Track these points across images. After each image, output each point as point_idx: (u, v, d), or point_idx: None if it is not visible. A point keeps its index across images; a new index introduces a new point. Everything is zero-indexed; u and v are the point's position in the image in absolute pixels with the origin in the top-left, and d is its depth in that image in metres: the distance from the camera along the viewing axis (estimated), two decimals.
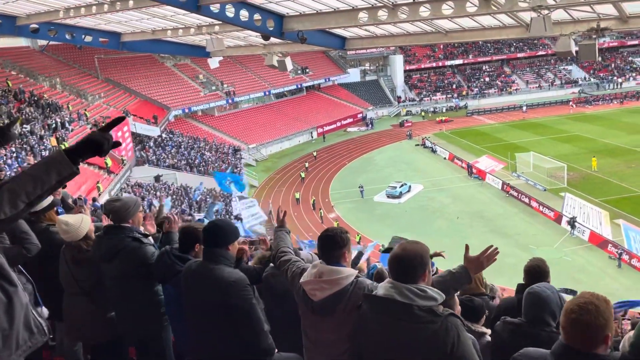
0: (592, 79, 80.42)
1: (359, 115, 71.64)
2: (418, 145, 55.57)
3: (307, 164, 49.60)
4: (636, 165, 40.15)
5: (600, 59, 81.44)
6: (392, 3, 16.10)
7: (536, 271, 3.91)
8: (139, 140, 44.59)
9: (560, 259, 26.96)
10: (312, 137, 63.07)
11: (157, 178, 38.70)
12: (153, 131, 46.08)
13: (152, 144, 45.29)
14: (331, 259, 2.97)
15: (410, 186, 40.54)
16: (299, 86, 71.63)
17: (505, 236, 30.43)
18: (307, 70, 71.95)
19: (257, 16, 17.21)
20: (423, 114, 73.09)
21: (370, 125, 67.70)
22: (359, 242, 29.72)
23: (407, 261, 2.55)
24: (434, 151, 52.23)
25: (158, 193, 33.68)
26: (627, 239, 26.59)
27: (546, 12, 13.59)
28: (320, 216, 36.25)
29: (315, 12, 17.87)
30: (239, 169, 44.35)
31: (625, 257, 25.73)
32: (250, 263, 4.79)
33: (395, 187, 39.44)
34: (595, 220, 29.74)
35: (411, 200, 38.85)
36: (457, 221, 33.78)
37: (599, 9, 15.85)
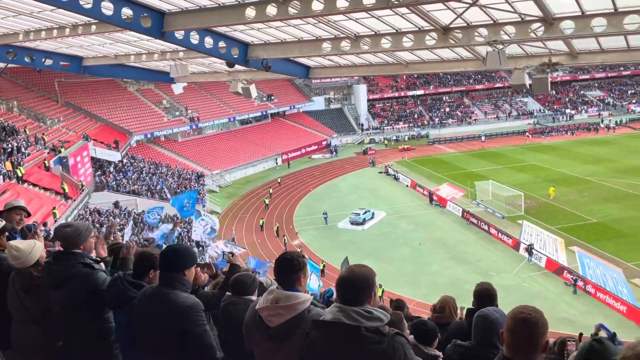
0: (546, 111, 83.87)
1: (324, 143, 72.28)
2: (381, 172, 56.33)
3: (271, 190, 49.45)
4: (589, 194, 41.78)
5: (553, 92, 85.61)
6: (355, 35, 16.50)
7: (485, 295, 4.02)
8: (98, 165, 43.59)
9: (518, 285, 27.55)
10: (276, 163, 63.10)
11: (116, 204, 37.76)
12: (114, 156, 45.17)
13: (112, 169, 44.33)
14: (288, 283, 2.98)
15: (373, 213, 40.89)
16: (264, 113, 71.95)
17: (466, 263, 30.92)
18: (273, 97, 72.41)
19: (221, 44, 17.31)
20: (386, 142, 74.32)
21: (334, 153, 68.32)
22: (323, 270, 29.63)
23: (355, 284, 2.60)
24: (396, 179, 53.01)
25: (120, 220, 32.84)
26: (582, 265, 27.44)
27: (501, 46, 14.18)
28: (284, 243, 36.03)
29: (279, 41, 18.11)
30: (201, 195, 43.77)
31: (580, 283, 26.48)
32: (206, 289, 4.72)
33: (359, 214, 39.70)
34: (551, 247, 30.62)
35: (374, 227, 39.13)
36: (420, 248, 34.17)
37: (550, 45, 16.67)
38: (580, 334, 8.37)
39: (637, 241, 31.51)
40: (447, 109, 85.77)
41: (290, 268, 3.00)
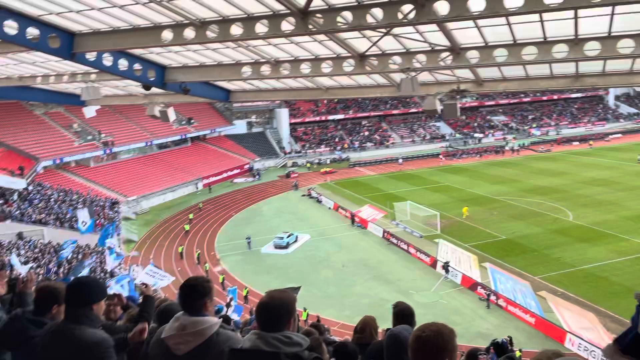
0: (457, 135, 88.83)
1: (246, 166, 71.72)
2: (304, 195, 56.65)
3: (191, 216, 48.08)
4: (497, 213, 44.45)
5: (463, 117, 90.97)
6: (275, 60, 16.65)
7: (404, 314, 4.11)
8: (0, 193, 40.28)
9: (436, 302, 28.53)
10: (197, 188, 61.61)
11: (20, 235, 34.98)
12: (18, 184, 41.96)
13: (16, 197, 41.12)
14: (193, 309, 2.90)
15: (297, 236, 40.89)
16: (184, 137, 70.34)
17: (388, 282, 31.62)
18: (192, 120, 71.05)
19: (137, 66, 16.77)
20: (308, 165, 75.08)
21: (257, 176, 67.93)
22: (246, 296, 29.06)
23: (274, 310, 2.57)
24: (319, 201, 53.52)
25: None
26: (494, 280, 28.99)
27: (414, 73, 14.88)
28: (205, 270, 34.99)
29: (198, 64, 17.87)
30: (116, 223, 41.63)
31: (493, 297, 27.90)
32: (120, 322, 4.45)
33: (283, 238, 39.53)
34: (466, 264, 32.11)
35: (298, 250, 39.10)
36: (343, 269, 34.52)
37: (458, 73, 17.73)
38: (490, 346, 8.78)
39: (542, 256, 33.82)
40: (367, 133, 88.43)
41: (196, 294, 2.92)
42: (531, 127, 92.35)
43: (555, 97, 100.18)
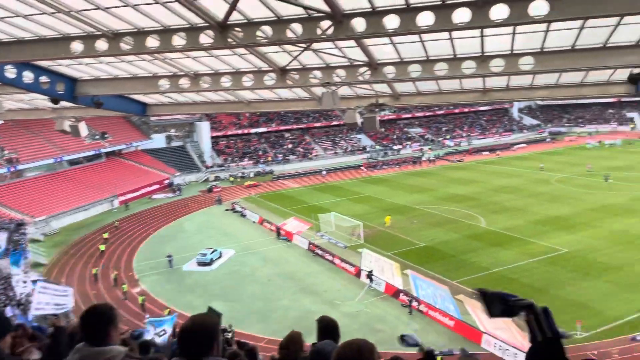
0: (377, 147, 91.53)
1: (165, 182, 69.44)
2: (228, 210, 55.71)
3: (106, 235, 45.68)
4: (417, 221, 46.13)
5: (382, 129, 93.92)
6: (194, 72, 16.33)
7: (328, 328, 4.12)
8: None
9: (361, 312, 28.99)
10: (113, 206, 58.74)
11: None
12: None
13: None
14: (95, 338, 2.72)
15: (221, 252, 40.05)
16: (97, 152, 66.95)
17: (314, 294, 31.72)
18: (106, 135, 67.76)
19: (44, 78, 15.78)
20: (232, 179, 74.06)
21: (177, 192, 65.94)
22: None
23: (197, 335, 2.47)
24: (243, 215, 52.84)
25: None
26: (415, 287, 29.93)
27: (334, 87, 15.19)
28: (123, 292, 33.29)
29: (112, 77, 17.13)
30: (22, 246, 38.57)
31: (415, 303, 28.80)
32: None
33: (206, 254, 38.55)
34: (388, 272, 32.92)
35: (223, 266, 38.28)
36: (269, 283, 34.20)
37: (377, 87, 18.33)
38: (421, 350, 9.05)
39: (459, 261, 35.47)
40: (290, 146, 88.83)
41: (97, 322, 2.75)
42: (445, 138, 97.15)
43: (466, 110, 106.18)
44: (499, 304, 2.12)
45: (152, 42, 11.71)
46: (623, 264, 32.56)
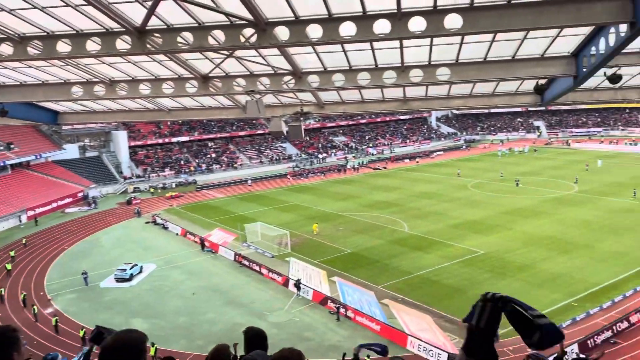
0: (303, 155, 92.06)
1: (80, 194, 65.66)
2: (148, 222, 53.56)
3: (13, 253, 42.32)
4: (343, 228, 46.77)
5: (307, 138, 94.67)
6: (110, 79, 15.59)
7: (256, 339, 4.02)
8: None
9: (290, 321, 28.84)
10: (20, 221, 54.63)
11: None
12: None
13: None
14: None
15: (141, 267, 38.35)
16: (3, 164, 62.03)
17: (241, 306, 31.15)
18: (12, 146, 63.13)
19: None
20: (152, 190, 71.39)
21: (93, 205, 62.55)
22: (83, 337, 26.33)
23: (122, 353, 2.28)
24: (165, 228, 51.03)
25: None
26: (342, 293, 30.25)
27: (258, 96, 15.07)
28: (33, 314, 30.90)
29: (18, 83, 15.97)
30: None
31: (342, 310, 29.08)
32: None
33: (125, 270, 36.73)
34: (316, 280, 33.05)
35: (143, 281, 36.64)
36: (194, 297, 33.17)
37: (301, 96, 18.43)
38: (343, 355, 9.08)
39: (383, 265, 36.30)
40: (214, 155, 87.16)
41: None
42: (368, 146, 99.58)
43: (387, 118, 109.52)
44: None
45: (63, 46, 11.04)
46: (534, 262, 34.80)
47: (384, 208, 53.64)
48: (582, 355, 21.58)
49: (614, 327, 24.59)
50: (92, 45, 11.09)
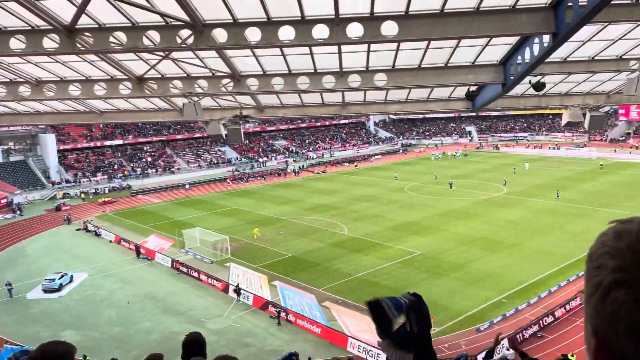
0: (243, 159, 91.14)
1: (3, 201, 61.69)
2: (79, 229, 51.14)
3: None
4: (284, 232, 46.68)
5: (247, 141, 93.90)
6: (36, 79, 14.79)
7: (194, 346, 3.96)
8: None
9: (230, 327, 28.42)
10: None
11: None
12: None
13: None
14: None
15: (72, 276, 36.53)
16: None
17: (178, 314, 30.36)
18: None
19: None
20: (83, 196, 68.29)
21: (18, 212, 58.95)
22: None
23: None
24: (98, 235, 48.91)
25: None
26: (283, 297, 30.19)
27: (196, 98, 14.79)
28: None
29: None
30: None
31: (283, 314, 29.00)
32: None
33: (54, 279, 34.83)
34: (256, 284, 32.79)
35: (74, 291, 34.91)
36: (128, 306, 31.97)
37: (240, 99, 18.25)
38: None
39: (323, 269, 36.55)
40: (149, 159, 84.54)
41: None
42: (308, 150, 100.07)
43: (327, 123, 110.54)
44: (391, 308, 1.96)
45: None
46: (467, 262, 36.21)
47: (324, 211, 54.06)
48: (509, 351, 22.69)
49: (541, 322, 26.03)
50: (16, 44, 10.49)
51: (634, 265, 0.90)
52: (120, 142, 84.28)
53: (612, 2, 8.07)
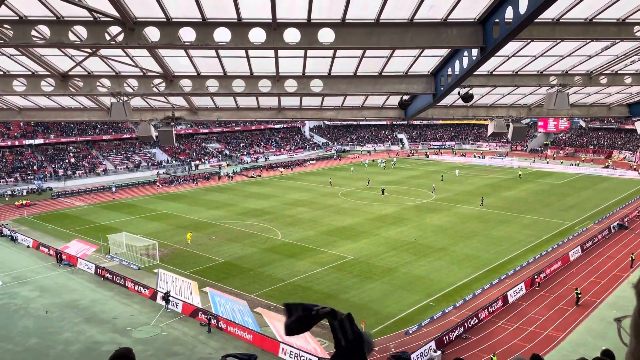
0: (174, 162, 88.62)
1: None
2: None
3: None
4: (216, 237, 45.79)
5: (178, 144, 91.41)
6: None
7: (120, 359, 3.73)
8: None
9: (157, 336, 27.44)
10: None
11: None
12: None
13: None
14: None
15: None
16: None
17: (102, 323, 28.94)
18: None
19: None
20: None
21: None
22: None
23: None
24: (14, 239, 45.75)
25: None
26: (214, 304, 29.54)
27: (125, 98, 14.19)
28: None
29: None
30: None
31: (214, 321, 28.37)
32: None
33: None
34: (186, 291, 31.87)
35: None
36: (47, 316, 30.08)
37: (173, 100, 17.72)
38: None
39: (256, 274, 36.19)
40: (73, 160, 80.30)
41: None
42: (243, 154, 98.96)
43: (262, 127, 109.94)
44: (300, 315, 2.14)
45: None
46: (397, 266, 37.13)
47: (258, 216, 53.62)
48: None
49: (466, 324, 27.12)
50: None
51: None
52: (41, 141, 79.49)
53: (535, 21, 8.57)
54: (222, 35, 10.00)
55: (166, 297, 31.02)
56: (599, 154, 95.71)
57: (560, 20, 10.60)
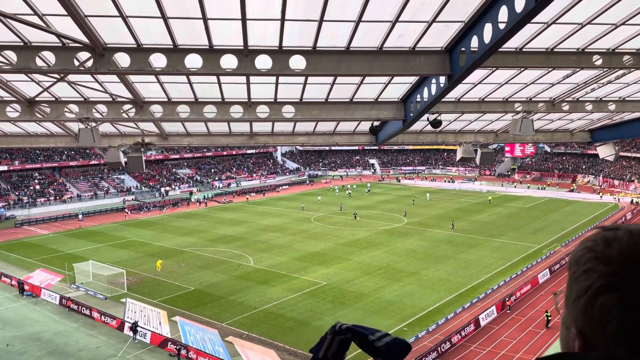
0: (143, 188, 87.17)
1: None
2: None
3: None
4: (186, 265, 44.91)
5: (148, 170, 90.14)
6: None
7: None
8: None
9: None
10: None
11: None
12: None
13: None
14: None
15: None
16: None
17: (66, 356, 27.83)
18: None
19: None
20: None
21: None
22: None
23: None
24: None
25: None
26: (184, 333, 28.76)
27: (93, 124, 13.98)
28: None
29: None
30: None
31: (183, 351, 27.60)
32: None
33: None
34: (155, 321, 30.99)
35: None
36: (7, 350, 28.77)
37: (143, 126, 17.54)
38: None
39: (228, 302, 35.52)
40: (38, 187, 78.19)
41: None
42: (214, 179, 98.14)
43: (234, 152, 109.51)
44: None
45: None
46: (370, 291, 37.02)
47: (230, 242, 52.94)
48: None
49: (439, 348, 27.09)
50: None
51: (624, 270, 0.97)
52: (4, 168, 77.28)
53: (500, 50, 8.87)
54: (193, 61, 10.02)
55: (134, 328, 30.10)
56: (564, 178, 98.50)
57: (524, 50, 11.01)
